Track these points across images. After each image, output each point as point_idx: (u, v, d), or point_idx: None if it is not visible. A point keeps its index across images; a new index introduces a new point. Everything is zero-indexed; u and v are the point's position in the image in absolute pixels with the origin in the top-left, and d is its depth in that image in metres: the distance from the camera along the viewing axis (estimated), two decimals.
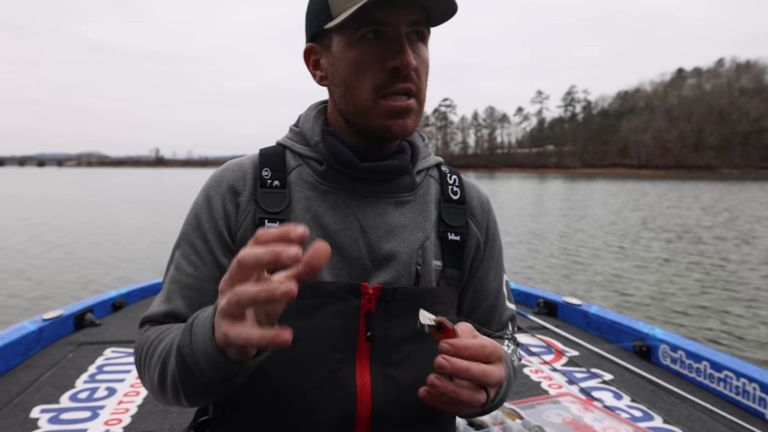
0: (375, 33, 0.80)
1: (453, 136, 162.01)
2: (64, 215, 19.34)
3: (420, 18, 0.82)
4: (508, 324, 1.04)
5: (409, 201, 0.92)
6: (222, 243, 0.87)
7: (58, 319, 3.04)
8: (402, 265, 0.87)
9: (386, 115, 0.83)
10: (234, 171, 0.90)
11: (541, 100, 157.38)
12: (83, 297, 5.41)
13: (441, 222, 0.94)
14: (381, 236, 0.87)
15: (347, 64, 0.83)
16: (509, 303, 1.04)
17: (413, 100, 0.84)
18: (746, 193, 34.69)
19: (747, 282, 8.62)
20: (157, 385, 0.77)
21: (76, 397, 2.30)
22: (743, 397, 2.22)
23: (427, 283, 0.89)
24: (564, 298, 3.57)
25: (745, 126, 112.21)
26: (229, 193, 0.88)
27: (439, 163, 1.01)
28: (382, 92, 0.82)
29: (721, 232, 14.89)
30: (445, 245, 0.93)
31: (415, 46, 0.83)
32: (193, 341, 0.66)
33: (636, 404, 2.25)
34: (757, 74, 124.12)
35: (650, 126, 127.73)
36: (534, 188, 45.26)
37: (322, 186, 0.88)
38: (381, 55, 0.81)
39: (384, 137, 0.87)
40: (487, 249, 1.00)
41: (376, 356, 0.84)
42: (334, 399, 0.81)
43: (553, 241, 13.32)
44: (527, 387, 2.45)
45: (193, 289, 0.86)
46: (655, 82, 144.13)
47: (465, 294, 0.98)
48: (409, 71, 0.81)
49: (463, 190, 0.99)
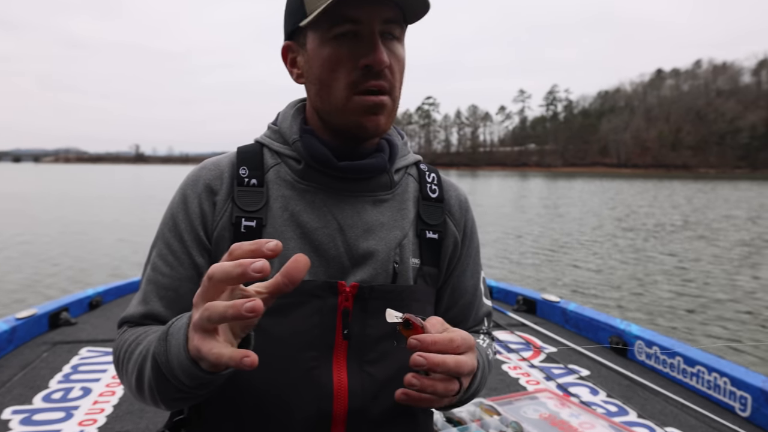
0: (348, 31, 0.80)
1: (436, 134, 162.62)
2: (41, 211, 18.96)
3: (394, 16, 0.82)
4: (484, 320, 1.05)
5: (387, 199, 0.92)
6: (198, 243, 0.87)
7: (31, 318, 2.98)
8: (379, 263, 0.87)
9: (359, 112, 0.83)
10: (211, 170, 0.90)
11: (524, 99, 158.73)
12: (60, 296, 5.32)
13: (419, 220, 0.94)
14: (358, 234, 0.87)
15: (321, 62, 0.83)
16: (486, 299, 1.06)
17: (386, 97, 0.84)
18: (718, 193, 35.42)
19: (713, 279, 8.81)
20: (135, 388, 0.77)
21: (50, 398, 2.26)
22: (714, 391, 2.27)
23: (405, 280, 0.90)
24: (543, 296, 3.61)
25: (722, 126, 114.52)
26: (206, 192, 0.88)
27: (418, 161, 1.02)
28: (355, 89, 0.82)
29: (692, 229, 15.18)
30: (422, 243, 0.94)
31: (389, 44, 0.83)
32: (168, 350, 0.66)
33: (612, 399, 2.29)
34: (732, 76, 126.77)
35: (629, 125, 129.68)
36: (515, 186, 45.64)
37: (300, 185, 0.88)
38: (354, 53, 0.81)
39: (357, 135, 0.86)
40: (464, 247, 1.00)
41: (353, 354, 0.84)
42: (310, 397, 0.81)
43: (533, 239, 13.45)
44: (505, 383, 2.47)
45: (170, 289, 0.85)
46: (635, 83, 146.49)
47: (443, 292, 0.99)
48: (381, 69, 0.81)
49: (442, 188, 1.00)
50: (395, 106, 0.87)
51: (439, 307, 0.99)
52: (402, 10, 0.83)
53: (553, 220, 18.21)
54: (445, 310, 1.00)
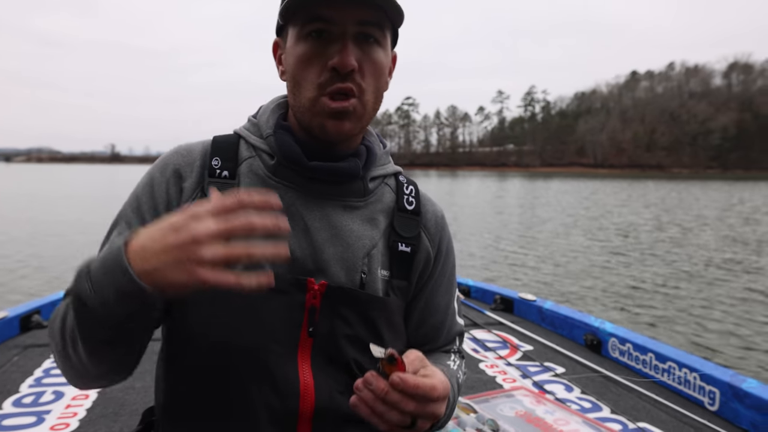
0: (320, 29, 0.79)
1: (415, 134, 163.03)
2: (10, 212, 18.50)
3: (372, 18, 0.80)
4: (455, 339, 1.04)
5: (358, 207, 0.90)
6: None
7: (2, 321, 2.91)
8: (346, 271, 0.86)
9: (322, 115, 0.81)
10: (182, 155, 0.88)
11: (502, 99, 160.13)
12: (32, 298, 5.20)
13: (392, 231, 0.92)
14: (325, 239, 0.86)
15: (294, 59, 0.82)
16: (458, 318, 1.04)
17: (354, 101, 0.81)
18: (689, 192, 36.22)
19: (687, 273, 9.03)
20: (60, 347, 0.73)
21: (20, 402, 2.21)
22: (684, 386, 2.33)
23: (373, 291, 0.88)
24: (520, 294, 3.65)
25: (694, 127, 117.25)
26: (174, 177, 0.86)
27: (398, 172, 0.99)
28: (323, 91, 0.80)
29: (664, 229, 15.50)
30: (393, 255, 0.92)
31: (364, 46, 0.81)
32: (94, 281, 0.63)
33: (586, 396, 2.33)
34: (704, 78, 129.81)
35: (606, 126, 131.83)
36: (494, 186, 46.02)
37: (271, 180, 0.87)
38: (323, 54, 0.79)
39: (320, 137, 0.85)
40: (438, 264, 0.98)
41: (318, 352, 0.83)
42: (276, 394, 0.80)
43: (510, 239, 13.59)
44: (482, 382, 2.50)
45: None
46: (611, 84, 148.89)
47: (413, 308, 0.97)
48: (347, 71, 0.79)
49: (419, 201, 0.97)
50: (366, 111, 0.85)
51: (408, 323, 0.97)
52: (385, 13, 0.80)
53: (530, 219, 18.42)
54: (415, 327, 0.98)
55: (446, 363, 0.97)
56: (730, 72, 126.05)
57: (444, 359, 0.98)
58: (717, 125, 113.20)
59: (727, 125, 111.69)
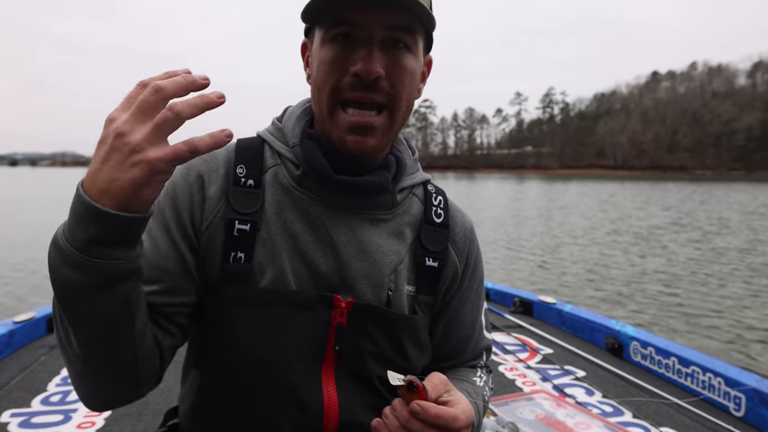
0: (345, 34, 0.75)
1: (433, 137, 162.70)
2: (37, 214, 18.90)
3: (402, 22, 0.75)
4: (482, 354, 1.01)
5: (386, 220, 0.87)
6: (183, 233, 0.80)
7: (29, 322, 2.98)
8: (372, 288, 0.83)
9: (343, 128, 0.77)
10: (206, 161, 0.83)
11: (520, 101, 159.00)
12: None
13: (419, 245, 0.89)
14: (352, 255, 0.83)
15: (318, 62, 0.79)
16: (486, 333, 1.01)
17: (381, 117, 0.78)
18: (713, 193, 35.55)
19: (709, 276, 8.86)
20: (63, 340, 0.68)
21: (48, 401, 2.26)
22: (709, 391, 2.29)
23: (399, 308, 0.85)
24: (539, 297, 3.62)
25: (717, 128, 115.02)
26: (198, 182, 0.81)
27: (426, 180, 0.95)
28: (340, 98, 0.77)
29: (685, 231, 15.24)
30: (420, 270, 0.88)
31: (393, 52, 0.76)
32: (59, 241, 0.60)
33: (607, 400, 2.31)
34: (728, 78, 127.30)
35: (626, 128, 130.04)
36: (512, 189, 45.71)
37: (296, 191, 0.83)
38: (346, 58, 0.75)
39: (342, 151, 0.80)
40: (465, 279, 0.95)
41: (343, 369, 0.81)
42: (300, 410, 0.79)
43: (529, 241, 13.48)
44: (502, 385, 2.49)
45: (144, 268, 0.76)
46: (631, 85, 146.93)
47: (438, 321, 0.94)
48: (371, 79, 0.74)
49: (448, 213, 0.94)
50: (394, 123, 0.80)
51: (434, 337, 0.94)
52: (416, 16, 0.75)
53: (549, 222, 18.25)
54: (441, 341, 0.95)
55: (472, 380, 0.94)
56: (755, 71, 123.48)
57: (470, 375, 0.96)
58: (741, 126, 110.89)
59: (752, 125, 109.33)
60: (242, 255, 0.79)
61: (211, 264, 0.80)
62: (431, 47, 0.87)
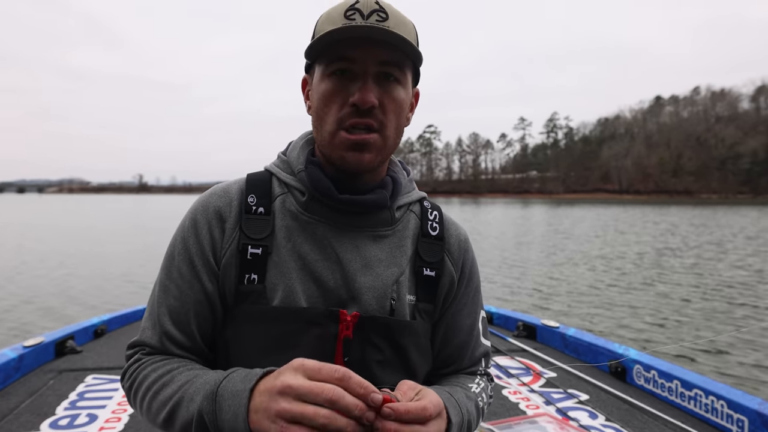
0: (343, 69, 0.84)
1: (437, 161, 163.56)
2: (45, 241, 19.05)
3: (391, 58, 0.85)
4: (481, 360, 1.05)
5: (387, 235, 0.94)
6: (208, 268, 0.89)
7: (38, 347, 3.02)
8: (376, 299, 0.90)
9: (343, 147, 0.86)
10: (221, 196, 0.93)
11: (524, 126, 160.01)
12: (64, 324, 5.35)
13: (417, 257, 0.96)
14: (357, 269, 0.90)
15: (319, 95, 0.87)
16: (484, 339, 1.05)
17: (375, 135, 0.86)
18: (719, 218, 35.36)
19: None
20: (161, 424, 0.81)
21: (57, 424, 2.29)
22: (712, 414, 2.29)
23: (401, 316, 0.92)
24: (542, 321, 3.63)
25: (722, 152, 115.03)
26: (216, 219, 0.91)
27: (422, 198, 1.04)
28: (343, 125, 0.85)
29: (686, 256, 15.16)
30: (419, 280, 0.95)
31: (385, 84, 0.86)
32: (219, 411, 0.72)
33: (610, 423, 2.31)
34: (731, 102, 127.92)
35: (630, 152, 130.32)
36: (517, 214, 45.67)
37: (303, 216, 0.91)
38: (344, 91, 0.85)
39: (342, 168, 0.89)
40: (461, 286, 1.02)
41: None
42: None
43: (533, 266, 13.44)
44: (505, 408, 2.50)
45: (181, 312, 0.89)
46: (634, 110, 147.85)
47: (437, 329, 1.00)
48: (367, 107, 0.83)
49: (443, 226, 1.01)
50: (386, 145, 0.89)
51: (433, 344, 0.99)
52: (405, 53, 0.85)
53: (553, 246, 18.21)
54: (439, 348, 1.00)
55: (468, 386, 0.98)
56: (758, 95, 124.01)
57: (467, 382, 1.00)
58: (746, 149, 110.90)
59: (757, 149, 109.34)
60: (255, 276, 0.88)
61: (229, 288, 0.89)
62: (419, 80, 0.97)
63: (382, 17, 0.83)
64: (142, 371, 0.86)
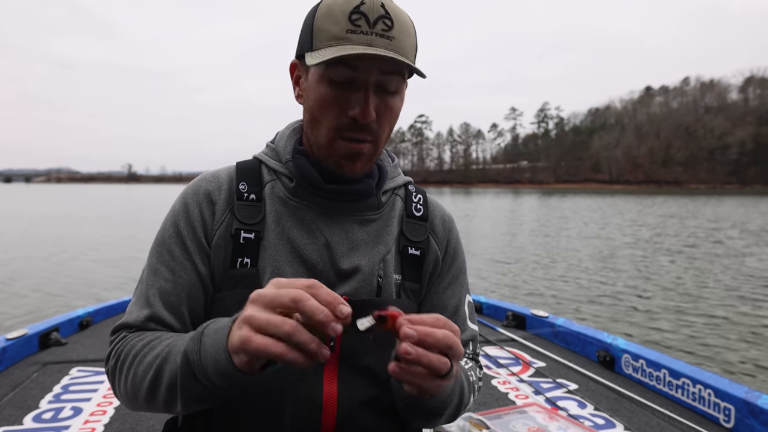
0: (344, 77, 0.83)
1: (429, 152, 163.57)
2: (30, 231, 18.84)
3: (392, 68, 0.84)
4: (468, 344, 1.04)
5: (374, 219, 0.97)
6: (201, 249, 0.90)
7: (21, 339, 2.97)
8: (364, 278, 0.92)
9: (339, 155, 0.88)
10: (210, 181, 0.95)
11: (515, 116, 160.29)
12: (50, 316, 5.29)
13: (402, 236, 0.99)
14: (344, 252, 0.92)
15: (315, 97, 0.87)
16: (471, 323, 1.05)
17: (369, 145, 0.88)
18: (706, 209, 35.72)
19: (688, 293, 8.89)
20: (146, 390, 0.78)
21: (40, 418, 2.26)
22: (699, 402, 2.30)
23: (388, 294, 0.94)
24: (532, 311, 3.64)
25: (711, 142, 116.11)
26: (206, 201, 0.92)
27: (407, 182, 1.06)
28: (340, 134, 0.86)
29: (671, 245, 15.30)
30: (404, 259, 0.98)
31: (383, 96, 0.86)
32: (202, 349, 0.70)
33: (599, 412, 2.32)
34: (720, 93, 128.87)
35: (620, 142, 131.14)
36: (508, 204, 45.83)
37: (292, 201, 0.93)
38: (345, 102, 0.84)
39: (335, 173, 0.91)
40: (446, 265, 1.03)
41: (342, 365, 0.88)
42: (301, 408, 0.84)
43: (523, 256, 13.50)
44: (494, 398, 2.49)
45: (173, 294, 0.88)
46: (625, 100, 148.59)
47: (422, 308, 1.01)
48: (367, 123, 0.84)
49: (427, 207, 1.04)
50: (377, 152, 0.92)
51: None
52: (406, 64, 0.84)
53: (544, 236, 18.30)
54: None
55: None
56: (747, 86, 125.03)
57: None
58: (734, 140, 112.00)
59: (745, 139, 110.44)
60: (248, 260, 0.90)
61: (218, 270, 0.90)
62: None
63: (387, 25, 0.82)
64: (127, 343, 0.84)
